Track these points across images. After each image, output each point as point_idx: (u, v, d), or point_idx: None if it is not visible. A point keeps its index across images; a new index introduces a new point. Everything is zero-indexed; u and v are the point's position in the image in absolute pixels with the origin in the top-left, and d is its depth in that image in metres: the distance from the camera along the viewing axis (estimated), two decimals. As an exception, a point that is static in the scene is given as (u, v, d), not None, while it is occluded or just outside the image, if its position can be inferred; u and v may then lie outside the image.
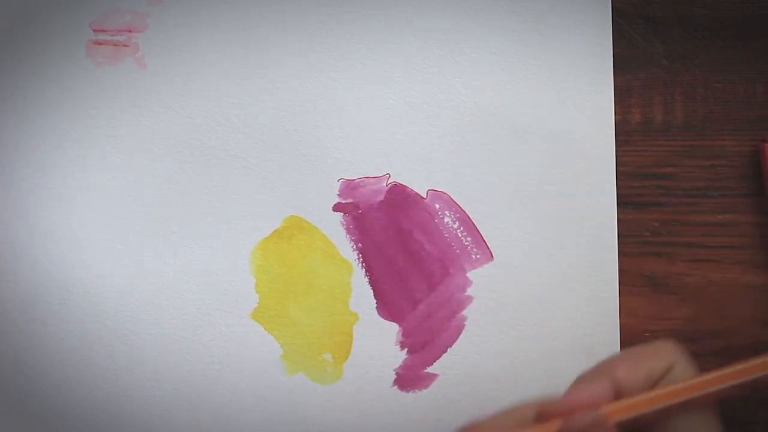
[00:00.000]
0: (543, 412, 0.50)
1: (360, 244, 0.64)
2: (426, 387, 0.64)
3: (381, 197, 0.65)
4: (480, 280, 0.65)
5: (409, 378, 0.64)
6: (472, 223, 0.65)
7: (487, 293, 0.65)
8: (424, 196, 0.65)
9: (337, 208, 0.64)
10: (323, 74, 0.64)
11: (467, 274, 0.65)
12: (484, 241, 0.65)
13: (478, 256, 0.65)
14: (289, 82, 0.64)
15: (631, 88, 0.66)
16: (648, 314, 0.66)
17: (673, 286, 0.66)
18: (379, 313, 0.64)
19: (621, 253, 0.66)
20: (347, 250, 0.64)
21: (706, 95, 0.67)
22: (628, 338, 0.66)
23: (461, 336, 0.65)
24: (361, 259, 0.64)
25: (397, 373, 0.64)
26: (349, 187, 0.64)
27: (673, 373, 0.51)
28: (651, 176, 0.66)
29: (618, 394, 0.50)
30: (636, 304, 0.66)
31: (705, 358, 0.65)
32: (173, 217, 0.64)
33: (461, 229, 0.65)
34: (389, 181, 0.64)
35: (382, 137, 0.64)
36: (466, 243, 0.65)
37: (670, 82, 0.67)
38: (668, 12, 0.67)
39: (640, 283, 0.66)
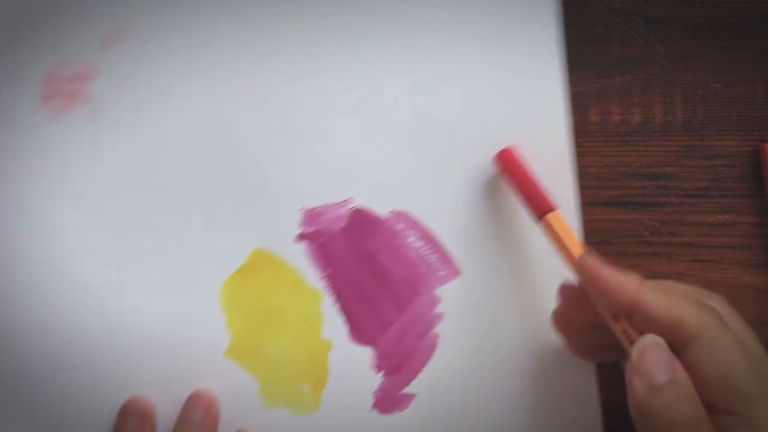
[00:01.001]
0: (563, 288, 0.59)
1: (327, 272, 0.65)
2: (406, 408, 0.65)
3: (344, 223, 0.65)
4: (449, 296, 0.65)
5: (388, 400, 0.64)
6: (437, 240, 0.65)
7: (458, 308, 0.65)
8: (387, 218, 0.65)
9: (300, 237, 0.64)
10: (273, 106, 0.64)
11: (436, 292, 0.65)
12: (449, 257, 0.65)
13: (445, 273, 0.65)
14: (240, 116, 0.64)
15: (631, 88, 0.66)
16: None
17: None
18: (352, 339, 0.65)
19: (621, 253, 0.66)
20: (315, 279, 0.65)
21: (706, 95, 0.67)
22: None
23: (436, 353, 0.65)
24: (329, 287, 0.64)
25: (375, 397, 0.65)
26: (310, 215, 0.65)
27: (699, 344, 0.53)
28: (651, 176, 0.66)
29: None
30: None
31: None
32: (138, 266, 0.64)
33: (426, 246, 0.65)
34: (351, 206, 0.64)
35: (340, 163, 0.65)
36: (432, 261, 0.65)
37: (670, 82, 0.67)
38: (668, 12, 0.66)
39: None
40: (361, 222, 0.65)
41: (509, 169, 0.64)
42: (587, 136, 0.67)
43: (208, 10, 0.65)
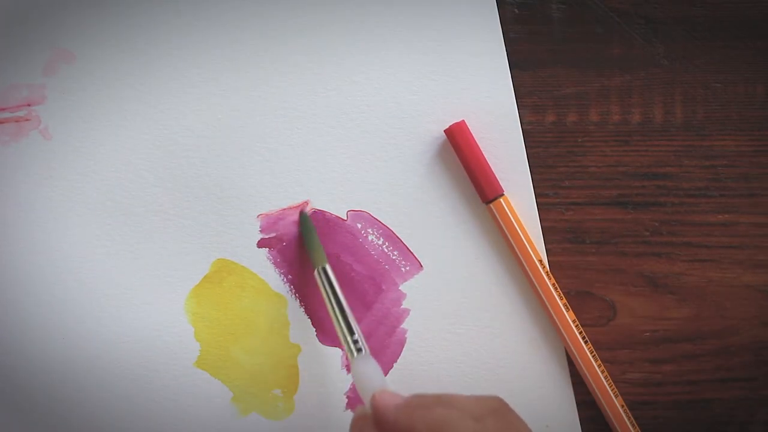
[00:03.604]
0: None
1: (290, 276, 0.65)
2: (379, 405, 0.64)
3: (303, 226, 0.64)
4: (413, 292, 0.65)
5: (361, 400, 0.64)
6: (397, 236, 0.64)
7: (423, 303, 0.65)
8: (345, 218, 0.64)
9: (261, 244, 0.65)
10: (224, 114, 0.64)
11: (400, 288, 0.65)
12: (411, 252, 0.64)
13: (407, 268, 0.65)
14: (191, 128, 0.65)
15: (631, 88, 0.66)
16: (648, 314, 0.66)
17: (673, 286, 0.66)
18: (320, 341, 0.65)
19: (621, 253, 0.66)
20: (279, 284, 0.65)
21: (706, 95, 0.66)
22: (628, 338, 0.66)
23: (405, 349, 0.65)
24: (293, 291, 0.65)
25: (348, 397, 0.65)
26: (269, 221, 0.64)
27: None
28: (651, 176, 0.66)
29: None
30: (636, 304, 0.66)
31: (704, 358, 0.65)
32: (104, 281, 0.64)
33: (386, 244, 0.65)
34: (308, 209, 0.64)
35: (294, 166, 0.64)
36: (394, 257, 0.65)
37: (670, 82, 0.66)
38: (668, 12, 0.66)
39: (640, 283, 0.66)
40: (320, 223, 0.65)
41: (458, 148, 0.64)
42: (587, 136, 0.66)
43: (150, 30, 0.65)
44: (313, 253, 0.62)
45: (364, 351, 0.57)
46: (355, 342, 0.58)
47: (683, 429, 0.65)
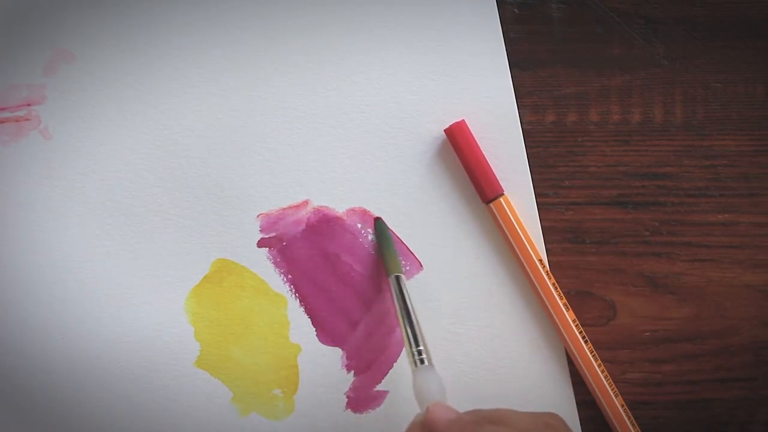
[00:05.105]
0: None
1: (290, 276, 0.64)
2: (378, 405, 0.65)
3: (303, 226, 0.65)
4: (413, 291, 0.65)
5: (361, 399, 0.65)
6: (397, 236, 0.64)
7: (423, 303, 0.65)
8: (345, 218, 0.64)
9: (261, 243, 0.65)
10: (224, 114, 0.64)
11: (400, 287, 0.64)
12: (411, 252, 0.64)
13: (407, 268, 0.65)
14: (191, 128, 0.64)
15: (631, 88, 0.66)
16: (648, 314, 0.66)
17: (673, 286, 0.66)
18: (320, 341, 0.65)
19: (621, 253, 0.66)
20: (279, 284, 0.65)
21: (706, 95, 0.66)
22: (628, 338, 0.66)
23: (405, 350, 0.64)
24: (293, 291, 0.65)
25: (348, 397, 0.65)
26: (269, 221, 0.64)
27: None
28: (651, 176, 0.66)
29: None
30: (636, 304, 0.66)
31: (704, 358, 0.65)
32: (104, 280, 0.64)
33: (387, 243, 0.64)
34: (308, 209, 0.64)
35: (294, 166, 0.64)
36: (394, 257, 0.64)
37: (670, 82, 0.66)
38: (668, 12, 0.66)
39: (640, 283, 0.66)
40: (320, 223, 0.65)
41: (458, 148, 0.64)
42: (587, 136, 0.66)
43: (150, 30, 0.65)
44: (388, 261, 0.62)
45: (426, 363, 0.57)
46: (419, 353, 0.57)
47: (683, 429, 0.65)
